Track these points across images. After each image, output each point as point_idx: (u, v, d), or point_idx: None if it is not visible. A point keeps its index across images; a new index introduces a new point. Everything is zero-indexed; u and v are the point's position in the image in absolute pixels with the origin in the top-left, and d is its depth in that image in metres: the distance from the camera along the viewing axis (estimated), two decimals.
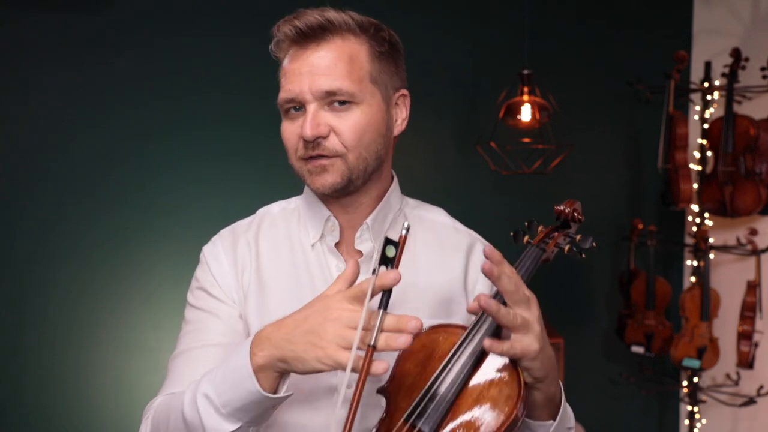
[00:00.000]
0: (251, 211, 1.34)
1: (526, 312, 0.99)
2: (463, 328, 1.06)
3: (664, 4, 3.50)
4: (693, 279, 3.36)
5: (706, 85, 3.32)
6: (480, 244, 1.29)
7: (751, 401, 3.24)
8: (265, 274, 1.22)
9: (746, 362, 3.21)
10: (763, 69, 3.13)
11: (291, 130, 1.17)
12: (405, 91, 1.23)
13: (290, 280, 1.21)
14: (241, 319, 1.21)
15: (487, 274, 0.96)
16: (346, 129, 1.13)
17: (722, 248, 3.34)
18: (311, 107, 1.13)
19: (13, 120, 2.73)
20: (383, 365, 0.90)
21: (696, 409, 3.37)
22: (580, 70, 3.36)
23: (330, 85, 1.12)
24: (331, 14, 1.14)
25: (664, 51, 3.32)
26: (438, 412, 1.00)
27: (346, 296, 0.94)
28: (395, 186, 1.26)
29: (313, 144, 1.13)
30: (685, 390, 3.40)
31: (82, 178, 2.79)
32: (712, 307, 3.25)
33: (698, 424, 3.38)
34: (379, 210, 1.22)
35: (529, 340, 0.98)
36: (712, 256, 3.30)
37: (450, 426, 1.00)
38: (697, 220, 3.36)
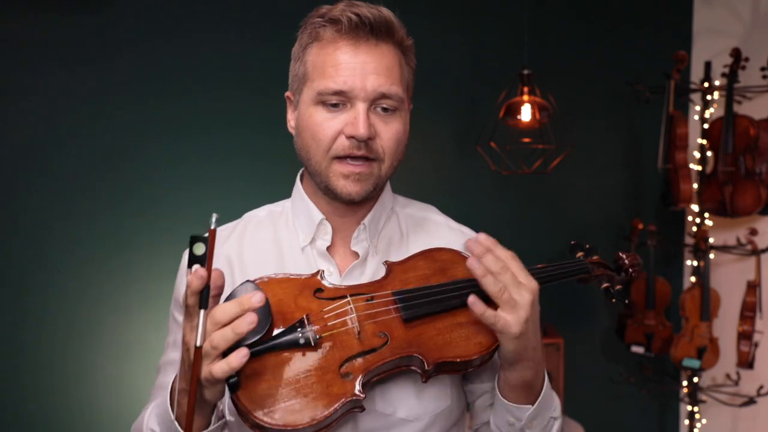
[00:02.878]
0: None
1: (517, 294, 0.99)
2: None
3: (664, 4, 3.50)
4: (693, 279, 3.35)
5: (706, 85, 3.32)
6: None
7: (751, 401, 3.24)
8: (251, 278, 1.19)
9: (746, 362, 3.21)
10: (763, 69, 3.13)
11: (330, 125, 1.10)
12: (411, 104, 1.23)
13: None
14: None
15: (470, 268, 0.99)
16: (389, 135, 1.12)
17: (722, 248, 3.34)
18: (362, 106, 1.09)
19: (12, 120, 2.73)
20: (218, 366, 0.92)
21: (696, 409, 3.37)
22: (580, 70, 3.36)
23: (388, 89, 1.10)
24: (388, 14, 1.12)
25: (664, 51, 3.32)
26: (421, 309, 1.07)
27: (185, 319, 0.97)
28: (387, 186, 1.25)
29: (361, 144, 1.10)
30: (685, 390, 3.40)
31: (82, 178, 2.79)
32: (712, 307, 3.25)
33: (698, 424, 3.37)
34: (375, 210, 1.21)
35: (512, 320, 0.99)
36: (712, 256, 3.30)
37: (423, 327, 1.06)
38: (697, 220, 3.36)
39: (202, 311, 0.91)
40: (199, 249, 0.91)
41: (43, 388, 2.77)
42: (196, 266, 0.90)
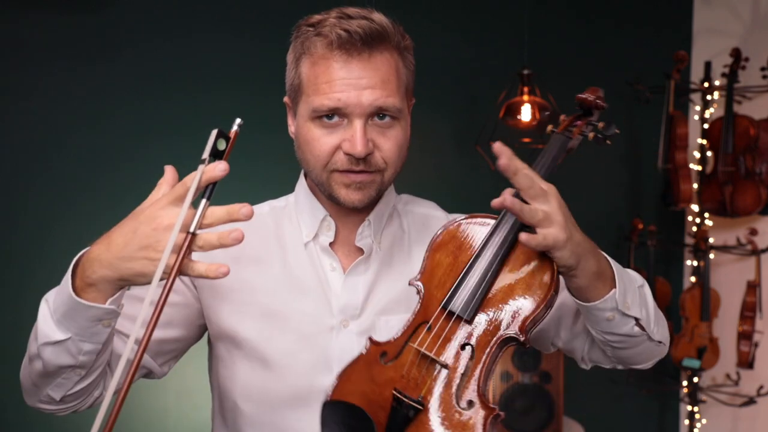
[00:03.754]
0: None
1: (545, 205, 0.98)
2: (492, 217, 1.09)
3: (664, 4, 3.50)
4: (693, 279, 3.36)
5: (706, 85, 3.32)
6: None
7: (751, 401, 3.24)
8: (251, 274, 1.19)
9: (746, 362, 3.21)
10: (763, 69, 3.13)
11: (326, 141, 1.10)
12: (413, 100, 1.22)
13: (280, 279, 1.19)
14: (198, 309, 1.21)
15: (503, 169, 0.96)
16: (389, 146, 1.11)
17: (722, 248, 3.34)
18: (359, 122, 1.08)
19: (12, 119, 2.73)
20: (199, 265, 0.87)
21: (696, 409, 3.37)
22: (580, 70, 3.35)
23: (384, 101, 1.08)
24: (380, 19, 1.10)
25: (664, 51, 3.32)
26: (474, 299, 1.03)
27: (170, 199, 0.89)
28: (390, 185, 1.25)
29: (359, 161, 1.09)
30: (685, 390, 3.40)
31: (81, 178, 2.79)
32: (712, 307, 3.25)
33: (698, 424, 3.38)
34: (378, 208, 1.21)
35: (554, 231, 0.97)
36: (712, 256, 3.30)
37: (488, 311, 1.03)
38: (697, 220, 3.36)
39: (204, 201, 0.88)
40: (221, 145, 0.90)
41: None
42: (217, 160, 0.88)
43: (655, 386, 3.56)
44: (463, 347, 1.02)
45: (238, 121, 0.92)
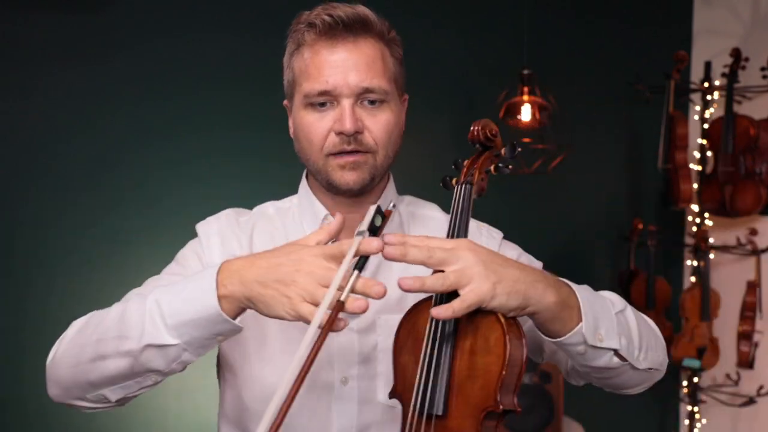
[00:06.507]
0: None
1: (455, 265, 0.92)
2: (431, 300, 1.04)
3: (664, 4, 3.50)
4: (693, 279, 3.36)
5: (706, 85, 3.32)
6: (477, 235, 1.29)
7: (751, 401, 3.24)
8: None
9: (746, 362, 3.21)
10: (763, 69, 3.13)
11: (320, 125, 1.14)
12: (406, 95, 1.25)
13: None
14: None
15: (392, 259, 0.93)
16: (379, 127, 1.14)
17: (722, 248, 3.34)
18: (347, 102, 1.12)
19: (12, 119, 2.73)
20: (343, 322, 0.89)
21: (696, 409, 3.37)
22: (580, 70, 3.36)
23: (369, 83, 1.12)
24: (365, 11, 1.15)
25: (664, 51, 3.32)
26: (442, 390, 0.97)
27: (323, 253, 0.92)
28: (391, 183, 1.28)
29: (350, 138, 1.12)
30: (685, 390, 3.40)
31: (81, 178, 2.79)
32: (712, 307, 3.25)
33: (698, 424, 3.38)
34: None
35: (475, 286, 0.92)
36: (712, 256, 3.30)
37: (459, 396, 0.97)
38: (697, 220, 3.36)
39: (356, 272, 0.90)
40: (378, 221, 0.94)
41: (43, 388, 2.76)
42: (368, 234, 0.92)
43: (655, 386, 3.55)
44: None
45: (392, 202, 1.01)
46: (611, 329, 1.02)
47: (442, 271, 0.93)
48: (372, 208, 0.94)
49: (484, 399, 0.95)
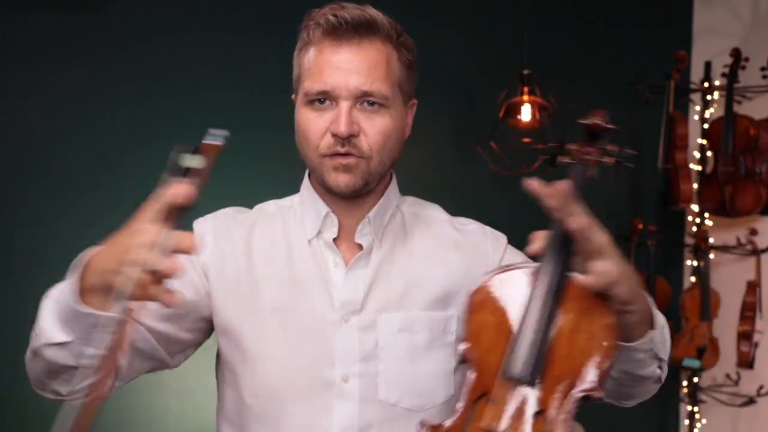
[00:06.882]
0: None
1: (598, 235, 0.97)
2: (523, 266, 1.05)
3: (664, 4, 3.50)
4: (693, 279, 3.36)
5: (706, 85, 3.32)
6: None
7: (751, 401, 3.24)
8: (259, 270, 1.22)
9: (746, 362, 3.21)
10: (763, 69, 3.13)
11: (317, 123, 1.14)
12: (415, 100, 1.25)
13: (285, 275, 1.21)
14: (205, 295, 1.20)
15: (549, 200, 0.97)
16: (375, 132, 1.14)
17: (722, 248, 3.34)
18: (345, 104, 1.12)
19: (12, 119, 2.73)
20: (159, 291, 0.85)
21: (696, 409, 3.37)
22: (580, 70, 3.35)
23: (369, 86, 1.12)
24: (374, 13, 1.15)
25: (664, 51, 3.32)
26: (536, 358, 0.93)
27: (147, 217, 0.91)
28: (394, 183, 1.28)
29: (344, 141, 1.12)
30: (685, 390, 3.40)
31: (81, 178, 2.79)
32: (712, 307, 3.25)
33: (698, 424, 3.38)
34: (380, 205, 1.23)
35: (613, 264, 0.95)
36: (712, 256, 3.30)
37: (553, 370, 0.93)
38: (697, 220, 3.36)
39: (164, 232, 0.85)
40: (190, 161, 0.82)
41: None
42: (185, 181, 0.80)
43: None
44: (536, 416, 0.91)
45: (224, 133, 0.89)
46: (664, 342, 1.09)
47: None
48: (177, 147, 0.85)
49: (585, 380, 0.94)
